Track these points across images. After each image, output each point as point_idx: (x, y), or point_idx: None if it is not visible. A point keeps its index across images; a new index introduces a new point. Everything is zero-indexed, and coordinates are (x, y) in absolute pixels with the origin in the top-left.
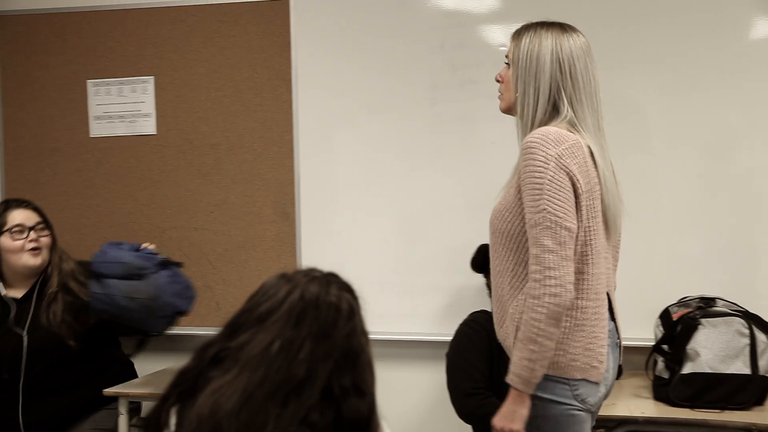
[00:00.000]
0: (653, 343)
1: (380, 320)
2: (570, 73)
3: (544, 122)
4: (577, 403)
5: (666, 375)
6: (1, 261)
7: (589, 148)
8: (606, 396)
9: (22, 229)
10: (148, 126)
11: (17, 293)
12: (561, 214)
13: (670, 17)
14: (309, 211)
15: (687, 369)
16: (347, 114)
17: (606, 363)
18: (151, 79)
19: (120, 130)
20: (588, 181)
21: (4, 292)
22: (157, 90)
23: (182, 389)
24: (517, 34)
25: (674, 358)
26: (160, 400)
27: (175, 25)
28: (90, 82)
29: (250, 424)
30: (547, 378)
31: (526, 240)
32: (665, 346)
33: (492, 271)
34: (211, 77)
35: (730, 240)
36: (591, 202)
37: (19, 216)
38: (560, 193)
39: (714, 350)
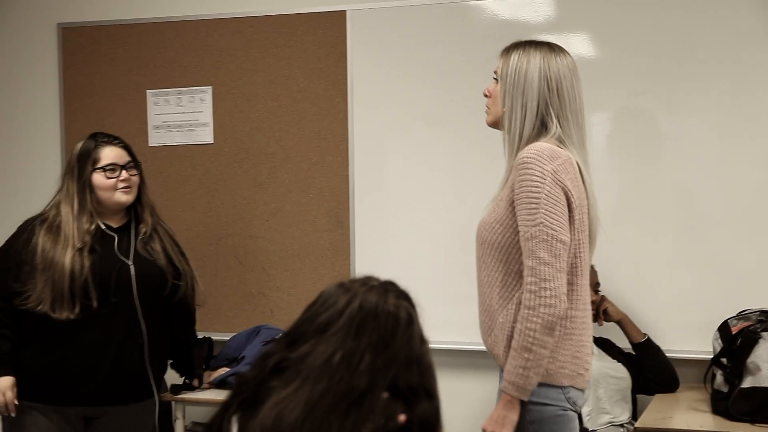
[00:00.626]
0: (711, 356)
1: (433, 329)
2: (557, 90)
3: (533, 138)
4: (569, 405)
5: (725, 389)
6: (92, 194)
7: (577, 164)
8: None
9: (114, 167)
10: (206, 135)
11: (112, 225)
12: (557, 228)
13: (679, 25)
14: (363, 220)
15: (747, 383)
16: (402, 124)
17: (590, 370)
18: (209, 89)
19: (178, 139)
20: (579, 196)
21: (102, 224)
22: (215, 100)
23: (243, 398)
24: (506, 52)
25: (734, 372)
26: (221, 408)
27: (234, 36)
28: (150, 92)
29: None
30: (539, 384)
31: (516, 252)
32: (724, 360)
33: (479, 282)
34: (268, 87)
35: None
36: (581, 216)
37: (111, 154)
38: (556, 208)
39: None
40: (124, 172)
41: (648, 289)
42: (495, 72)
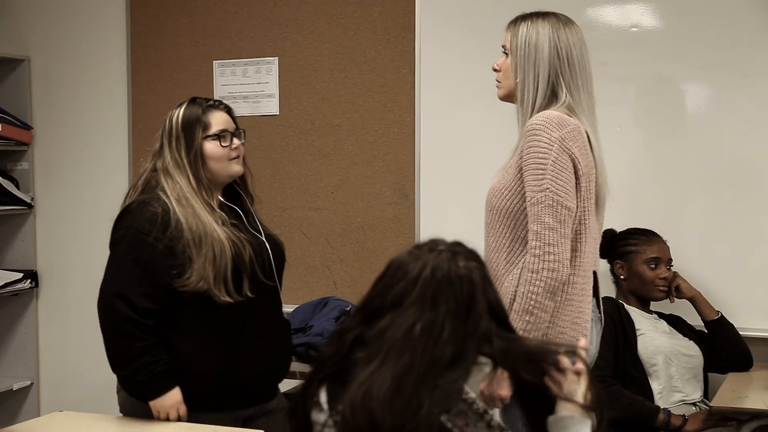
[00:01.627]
0: None
1: None
2: (567, 59)
3: (543, 107)
4: None
5: None
6: (205, 165)
7: (586, 132)
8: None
9: (226, 134)
10: (272, 106)
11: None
12: (563, 194)
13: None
14: (428, 193)
15: None
16: (469, 96)
17: (589, 337)
18: (275, 59)
19: (244, 110)
20: (587, 164)
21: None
22: (281, 71)
23: (325, 374)
24: (514, 24)
25: None
26: (304, 385)
27: (300, 6)
28: (216, 63)
29: (404, 409)
30: None
31: (524, 218)
32: None
33: (486, 248)
34: (335, 58)
35: None
36: (588, 184)
37: (221, 119)
38: (563, 174)
39: None
40: (235, 139)
41: (721, 266)
42: (503, 46)
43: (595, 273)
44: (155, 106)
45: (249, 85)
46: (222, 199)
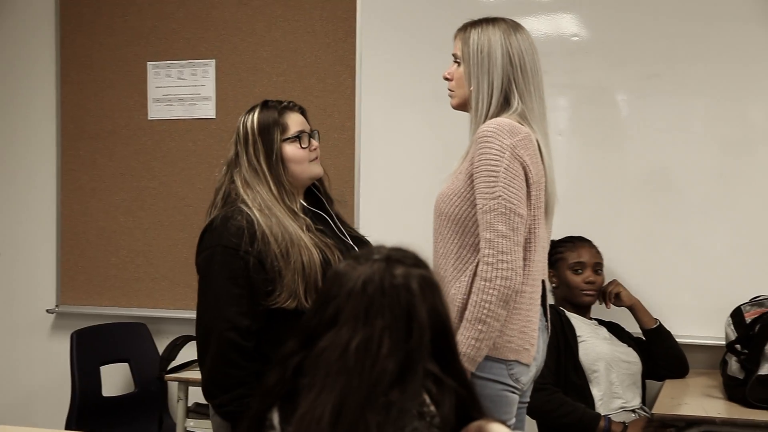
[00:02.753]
0: (722, 343)
1: None
2: (520, 66)
3: (495, 114)
4: (512, 383)
5: (741, 375)
6: (285, 169)
7: (537, 140)
8: (535, 376)
9: (304, 136)
10: (208, 109)
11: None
12: (515, 201)
13: (707, 7)
14: (368, 199)
15: (765, 370)
16: (411, 101)
17: (536, 346)
18: (212, 62)
19: (179, 113)
20: (537, 172)
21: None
22: (218, 73)
23: (269, 405)
24: (463, 31)
25: (751, 359)
26: (251, 418)
27: (239, 7)
28: (150, 64)
29: None
30: (485, 358)
31: (473, 225)
32: (739, 346)
33: (434, 254)
34: (274, 62)
35: None
36: (537, 193)
37: (297, 120)
38: (514, 182)
39: None
40: (313, 140)
41: (658, 274)
42: (454, 54)
43: (543, 282)
44: (86, 108)
45: (184, 88)
46: (305, 204)
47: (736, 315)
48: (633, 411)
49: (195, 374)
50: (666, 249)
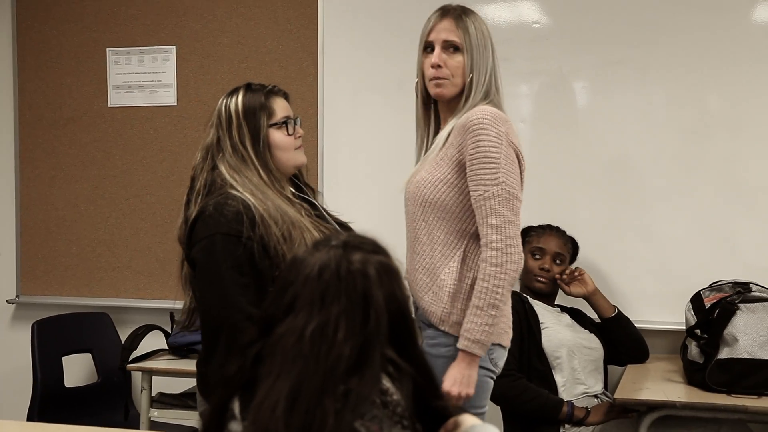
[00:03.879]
0: (682, 328)
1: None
2: (496, 54)
3: (477, 103)
4: (492, 367)
5: (700, 360)
6: (272, 155)
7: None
8: None
9: (290, 122)
10: (169, 97)
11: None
12: (516, 187)
13: None
14: (331, 186)
15: (724, 354)
16: (374, 88)
17: (512, 329)
18: (172, 48)
19: (139, 100)
20: (522, 158)
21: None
22: (179, 60)
23: (230, 395)
24: (457, 19)
25: (710, 343)
26: (214, 409)
27: None
28: (110, 51)
29: (307, 424)
30: None
31: (460, 211)
32: (698, 331)
33: (416, 241)
34: (235, 48)
35: (755, 225)
36: (523, 177)
37: (282, 105)
38: (513, 167)
39: (752, 336)
40: (298, 127)
41: (620, 260)
42: (448, 41)
43: None
44: (44, 95)
45: (145, 75)
46: (294, 191)
47: (696, 300)
48: (595, 396)
49: (158, 364)
50: (627, 235)
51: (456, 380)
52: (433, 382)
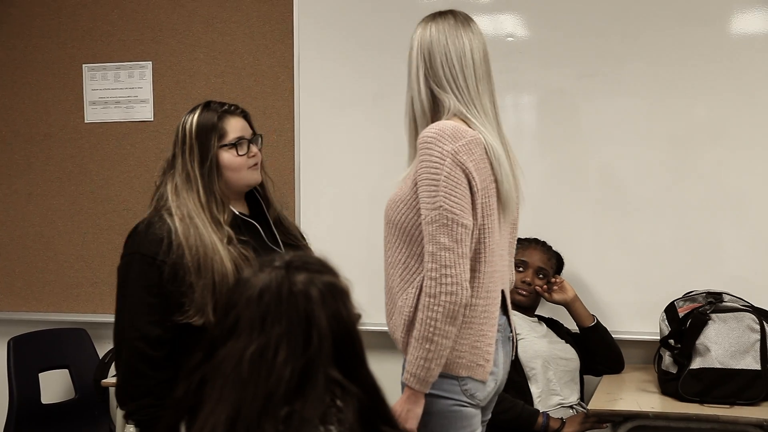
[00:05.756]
0: (657, 338)
1: (383, 312)
2: (435, 59)
3: (433, 116)
4: (465, 398)
5: (674, 370)
6: (220, 176)
7: (486, 143)
8: (497, 390)
9: (243, 142)
10: (145, 112)
11: (243, 211)
12: (458, 211)
13: (642, 7)
14: (308, 201)
15: (696, 364)
16: (350, 102)
17: (492, 362)
18: (148, 64)
19: (116, 115)
20: (484, 179)
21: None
22: (155, 75)
23: (178, 419)
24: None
25: (683, 353)
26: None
27: (175, 9)
28: (86, 67)
29: None
30: None
31: (419, 233)
32: (672, 341)
33: (385, 263)
34: (211, 63)
35: (732, 235)
36: (487, 200)
37: (237, 125)
38: (456, 190)
39: (724, 345)
40: (252, 147)
41: (593, 271)
42: None
43: (503, 292)
44: (20, 111)
45: (121, 90)
46: (237, 212)
47: (670, 310)
48: (571, 407)
49: None
50: (600, 245)
51: (396, 413)
52: (381, 405)
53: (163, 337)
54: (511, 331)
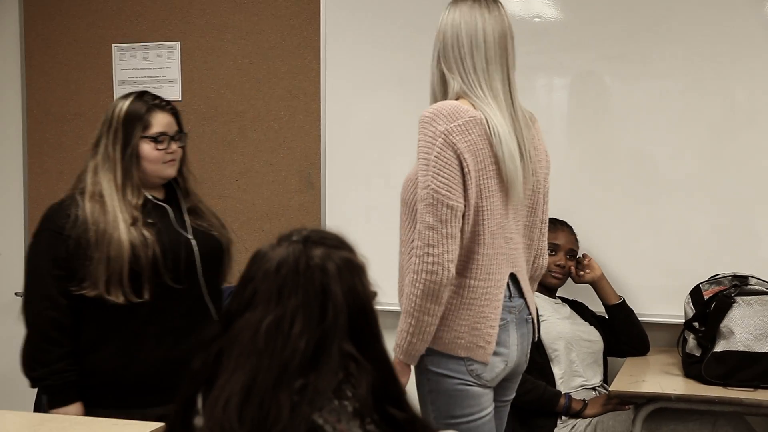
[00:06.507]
0: (682, 321)
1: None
2: (453, 40)
3: (441, 94)
4: (471, 378)
5: (697, 353)
6: (138, 164)
7: (488, 123)
8: (514, 372)
9: (164, 137)
10: (173, 92)
11: (158, 196)
12: (444, 192)
13: None
14: (334, 181)
15: (720, 347)
16: (376, 83)
17: (493, 343)
18: (177, 44)
19: None
20: (481, 159)
21: (149, 195)
22: (183, 56)
23: (195, 390)
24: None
25: (707, 336)
26: (180, 403)
27: None
28: (115, 47)
29: (261, 421)
30: (440, 353)
31: None
32: (696, 324)
33: (399, 241)
34: (239, 44)
35: (762, 219)
36: (485, 182)
37: (163, 120)
38: (444, 171)
39: (749, 329)
40: (173, 143)
41: (621, 253)
42: None
43: (513, 274)
44: (52, 91)
45: (150, 70)
46: (150, 197)
47: (695, 293)
48: (593, 389)
49: None
50: (627, 228)
51: None
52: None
53: (71, 307)
54: (530, 313)
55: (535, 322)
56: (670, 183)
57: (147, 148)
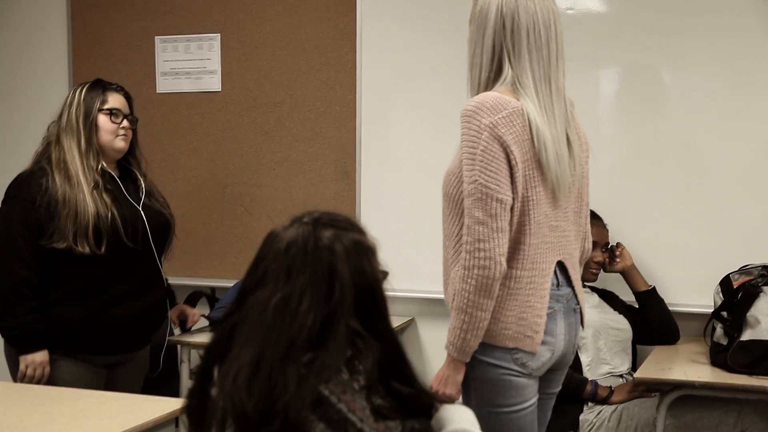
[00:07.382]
0: (712, 310)
1: (436, 279)
2: (512, 28)
3: (490, 84)
4: (516, 367)
5: (724, 341)
6: (97, 134)
7: (529, 114)
8: (561, 363)
9: (118, 113)
10: (214, 83)
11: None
12: (493, 186)
13: None
14: (369, 170)
15: (746, 336)
16: (411, 75)
17: (542, 333)
18: (217, 36)
19: (186, 86)
20: (526, 150)
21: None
22: (223, 47)
23: (212, 363)
24: None
25: (734, 325)
26: (198, 374)
27: None
28: (158, 39)
29: (268, 393)
30: (487, 344)
31: None
32: (724, 313)
33: (443, 234)
34: (277, 36)
35: None
36: (531, 172)
37: (117, 100)
38: (492, 164)
39: None
40: (125, 120)
41: (652, 243)
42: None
43: (561, 263)
44: None
45: (191, 61)
46: (106, 167)
47: (725, 283)
48: (621, 376)
49: (198, 338)
50: (659, 219)
51: (437, 378)
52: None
53: (40, 267)
54: (578, 303)
55: (583, 312)
56: (703, 174)
57: (103, 119)
